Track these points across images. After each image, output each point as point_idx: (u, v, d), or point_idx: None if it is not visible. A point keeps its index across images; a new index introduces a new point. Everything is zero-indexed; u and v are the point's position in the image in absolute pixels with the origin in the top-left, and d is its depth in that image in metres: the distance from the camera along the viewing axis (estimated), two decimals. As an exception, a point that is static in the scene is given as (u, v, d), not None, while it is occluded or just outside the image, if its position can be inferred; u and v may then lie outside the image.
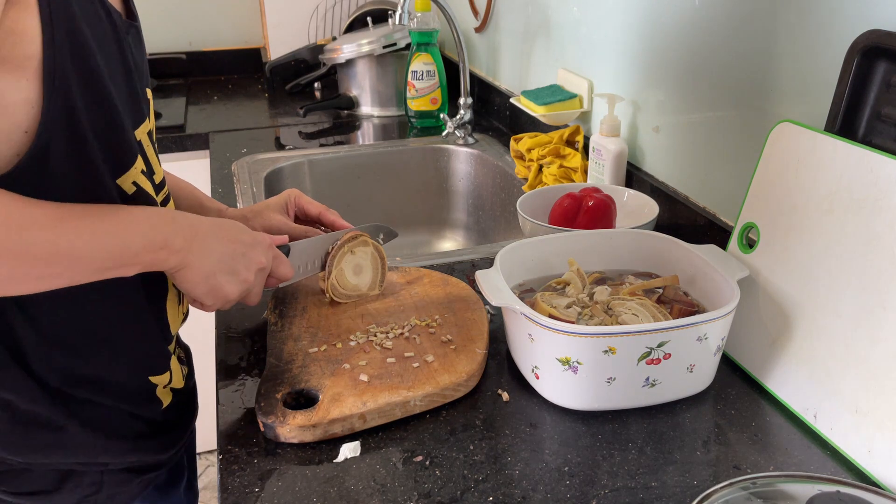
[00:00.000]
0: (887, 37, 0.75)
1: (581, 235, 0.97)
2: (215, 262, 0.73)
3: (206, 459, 2.23)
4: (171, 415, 0.83)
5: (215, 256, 0.73)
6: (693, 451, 0.74)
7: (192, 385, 0.92)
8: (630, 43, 1.24)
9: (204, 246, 0.72)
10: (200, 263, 0.72)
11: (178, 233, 0.70)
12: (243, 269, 0.76)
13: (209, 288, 0.74)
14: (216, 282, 0.74)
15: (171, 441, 0.84)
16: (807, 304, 0.78)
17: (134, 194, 0.72)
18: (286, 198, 0.98)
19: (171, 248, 0.69)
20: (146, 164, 0.75)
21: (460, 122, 1.73)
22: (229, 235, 0.76)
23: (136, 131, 0.73)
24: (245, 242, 0.77)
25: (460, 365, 0.82)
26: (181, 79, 2.33)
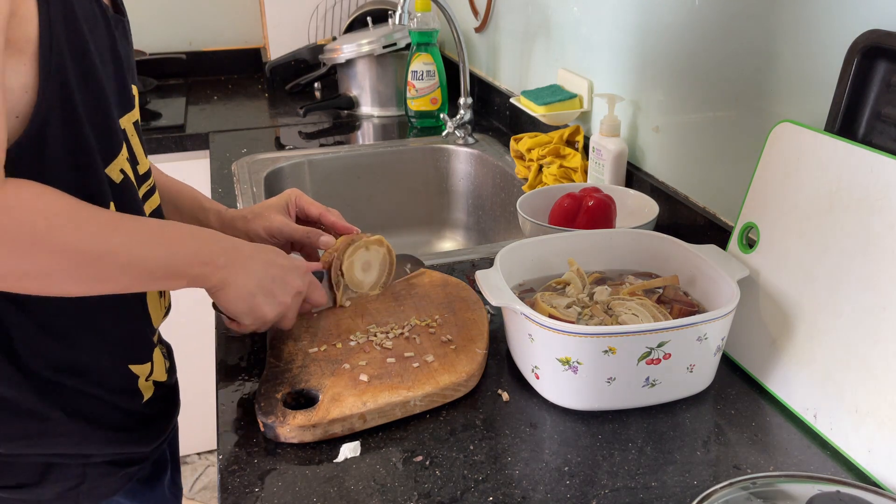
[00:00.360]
0: (887, 37, 0.75)
1: (581, 235, 0.97)
2: (255, 282, 0.76)
3: (206, 459, 2.23)
4: (152, 408, 0.84)
5: (255, 277, 0.76)
6: (693, 451, 0.74)
7: (175, 381, 0.92)
8: (630, 43, 1.24)
9: (245, 266, 0.75)
10: (242, 282, 0.75)
11: (223, 252, 0.73)
12: (281, 292, 0.79)
13: (248, 307, 0.77)
14: (255, 302, 0.77)
15: (153, 435, 0.85)
16: (807, 305, 0.78)
17: (121, 183, 0.73)
18: (287, 198, 0.98)
19: (215, 264, 0.72)
20: (130, 154, 0.75)
21: (460, 122, 1.73)
22: (269, 259, 0.79)
23: (121, 119, 0.74)
24: (283, 266, 0.80)
25: (460, 365, 0.82)
26: (181, 79, 2.33)
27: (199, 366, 1.26)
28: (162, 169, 1.02)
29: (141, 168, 0.79)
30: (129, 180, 0.74)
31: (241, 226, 0.95)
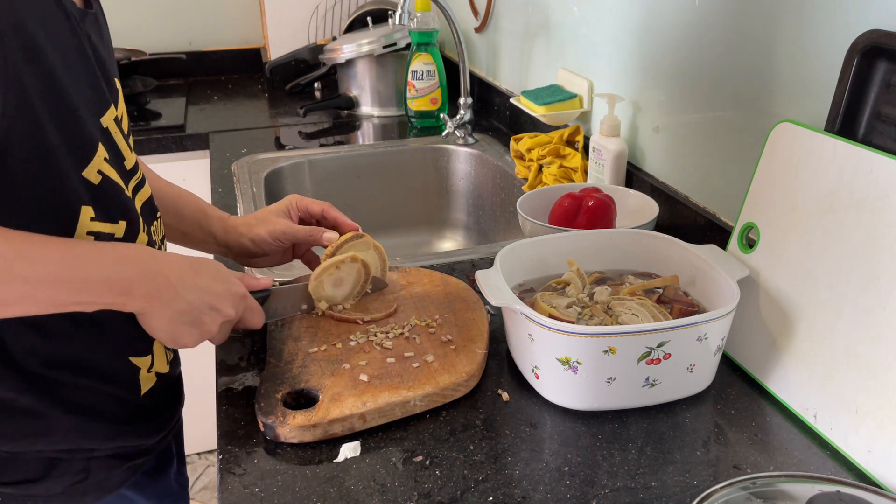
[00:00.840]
0: (887, 37, 0.75)
1: (581, 235, 0.97)
2: (179, 312, 0.72)
3: (206, 459, 2.23)
4: (154, 400, 0.83)
5: (181, 307, 0.72)
6: (693, 451, 0.74)
7: (178, 373, 0.92)
8: (630, 43, 1.24)
9: (171, 296, 0.71)
10: (163, 312, 0.71)
11: (145, 280, 0.69)
12: (208, 321, 0.75)
13: (168, 335, 0.73)
14: (177, 331, 0.73)
15: (157, 427, 0.85)
16: (807, 304, 0.78)
17: (101, 183, 0.71)
18: (287, 203, 0.98)
19: (133, 294, 0.68)
20: (112, 152, 0.74)
21: (460, 122, 1.73)
22: (201, 285, 0.74)
23: (101, 119, 0.72)
24: (217, 294, 0.75)
25: (460, 365, 0.82)
26: (181, 79, 2.33)
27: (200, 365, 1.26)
28: (162, 169, 1.02)
29: (128, 164, 0.77)
30: (109, 180, 0.72)
31: (244, 231, 0.96)
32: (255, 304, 0.82)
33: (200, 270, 0.75)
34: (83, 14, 0.72)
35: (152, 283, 0.70)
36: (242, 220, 0.97)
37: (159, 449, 0.87)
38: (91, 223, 0.70)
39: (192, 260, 0.75)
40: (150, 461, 0.86)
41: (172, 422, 0.89)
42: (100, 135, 0.72)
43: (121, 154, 0.76)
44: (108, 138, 0.74)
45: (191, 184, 1.78)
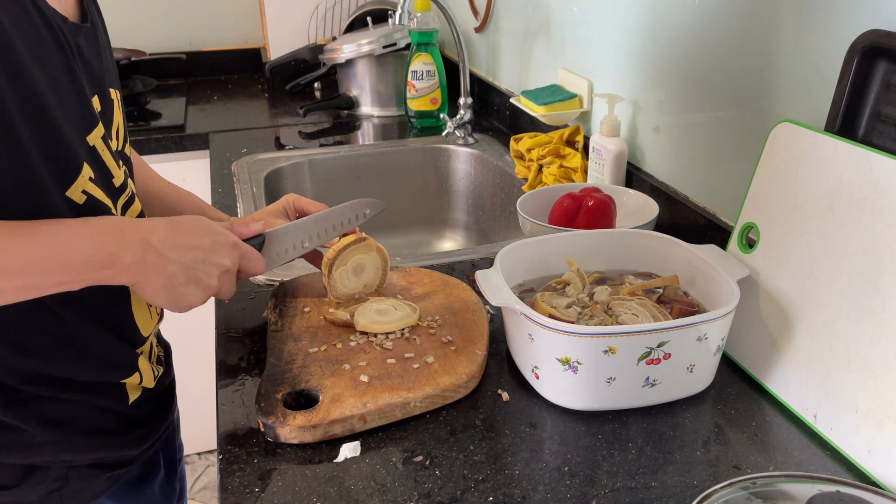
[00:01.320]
0: (887, 37, 0.75)
1: (581, 235, 0.97)
2: (171, 274, 0.70)
3: (206, 459, 2.23)
4: (142, 410, 0.82)
5: (171, 268, 0.70)
6: (693, 451, 0.74)
7: (168, 384, 0.90)
8: (630, 43, 1.24)
9: (158, 259, 0.69)
10: (155, 278, 0.70)
11: (127, 248, 0.67)
12: (204, 276, 0.73)
13: (169, 299, 0.72)
14: (176, 292, 0.72)
15: (142, 437, 0.83)
16: (807, 304, 0.78)
17: (85, 203, 0.70)
18: (285, 203, 0.98)
19: (118, 265, 0.67)
20: (99, 171, 0.72)
21: (460, 122, 1.73)
22: (187, 242, 0.72)
23: (87, 137, 0.71)
24: (205, 247, 0.73)
25: (460, 366, 0.82)
26: (181, 79, 2.33)
27: (199, 366, 1.26)
28: (162, 169, 1.02)
29: (116, 181, 0.76)
30: (94, 199, 0.71)
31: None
32: (251, 249, 0.80)
33: (182, 228, 0.73)
34: (76, 29, 0.71)
35: (134, 251, 0.67)
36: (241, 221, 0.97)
37: (144, 458, 0.85)
38: None
39: (171, 220, 0.73)
40: (135, 470, 0.85)
41: (160, 431, 0.87)
42: (85, 154, 0.70)
43: (108, 172, 0.75)
44: (95, 157, 0.72)
45: (191, 184, 1.78)
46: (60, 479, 0.77)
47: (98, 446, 0.78)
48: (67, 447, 0.76)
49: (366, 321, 0.88)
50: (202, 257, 0.73)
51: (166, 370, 0.90)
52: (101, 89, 0.75)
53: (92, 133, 0.72)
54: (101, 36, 0.77)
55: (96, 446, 0.78)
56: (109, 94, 0.77)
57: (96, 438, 0.78)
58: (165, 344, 0.94)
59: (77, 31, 0.71)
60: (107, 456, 0.79)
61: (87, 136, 0.71)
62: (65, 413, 0.74)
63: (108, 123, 0.76)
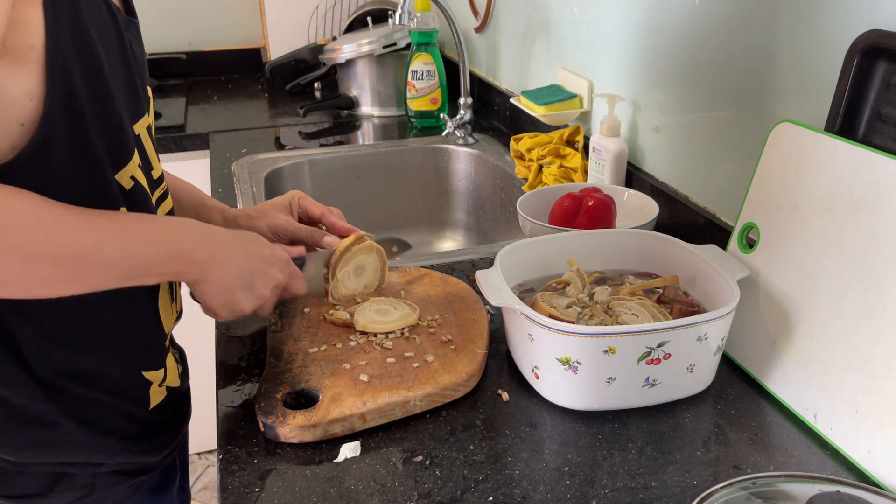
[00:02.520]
0: (887, 37, 0.75)
1: (581, 235, 0.97)
2: (234, 276, 0.74)
3: (206, 459, 2.23)
4: (162, 415, 0.82)
5: (235, 271, 0.74)
6: (693, 451, 0.74)
7: (187, 387, 0.91)
8: (630, 43, 1.24)
9: (225, 259, 0.73)
10: (220, 277, 0.73)
11: (201, 245, 0.71)
12: (260, 286, 0.77)
13: (226, 301, 0.75)
14: (233, 296, 0.75)
15: (163, 443, 0.83)
16: (807, 304, 0.78)
17: (132, 189, 0.72)
18: (290, 198, 0.98)
19: (193, 259, 0.70)
20: (144, 159, 0.74)
21: (460, 122, 1.73)
22: (250, 250, 0.77)
23: (134, 125, 0.73)
24: (265, 258, 0.78)
25: (460, 365, 0.82)
26: (181, 79, 2.33)
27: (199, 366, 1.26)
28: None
29: (155, 173, 0.78)
30: (140, 187, 0.73)
31: (244, 223, 0.95)
32: (297, 270, 0.84)
33: (245, 237, 0.78)
34: (128, 22, 0.73)
35: (208, 248, 0.71)
36: (243, 212, 0.97)
37: (164, 465, 0.86)
38: None
39: (234, 230, 0.78)
40: (154, 478, 0.85)
41: (178, 437, 0.87)
42: (135, 141, 0.72)
43: (150, 163, 0.76)
44: (140, 146, 0.74)
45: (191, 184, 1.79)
46: (87, 487, 0.77)
47: (124, 450, 0.78)
48: (99, 448, 0.76)
49: (365, 321, 0.88)
50: (263, 267, 0.77)
51: (185, 370, 0.90)
52: (143, 84, 0.77)
53: (139, 121, 0.74)
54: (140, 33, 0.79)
55: (122, 450, 0.78)
56: (147, 91, 0.79)
57: (122, 442, 0.78)
58: (180, 348, 0.94)
59: (129, 25, 0.73)
60: (131, 461, 0.79)
61: (135, 125, 0.73)
62: (93, 413, 0.75)
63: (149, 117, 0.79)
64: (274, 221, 0.95)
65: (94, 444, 0.76)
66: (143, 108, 0.76)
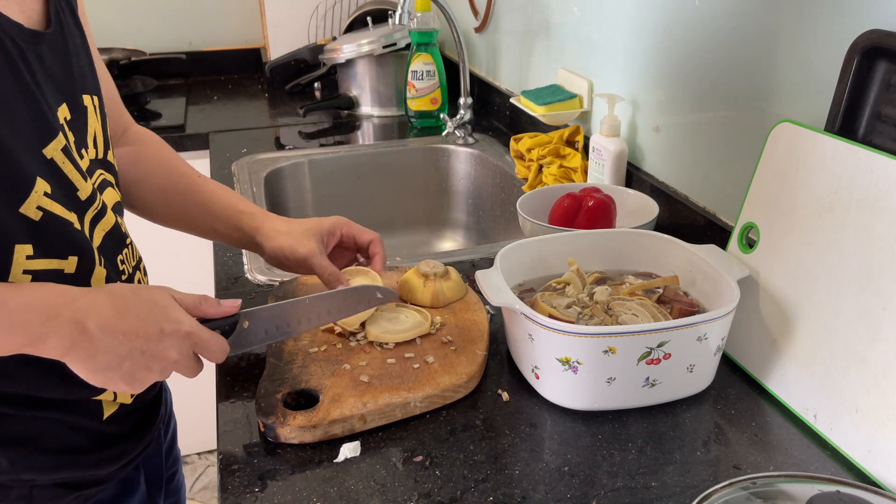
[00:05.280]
0: (887, 37, 0.75)
1: (581, 235, 0.97)
2: (104, 365, 0.64)
3: (206, 459, 2.23)
4: (119, 426, 0.77)
5: (105, 360, 0.64)
6: (693, 451, 0.74)
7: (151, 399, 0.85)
8: (630, 43, 1.24)
9: (90, 346, 0.63)
10: (84, 363, 0.64)
11: (57, 331, 0.62)
12: (141, 369, 0.66)
13: (100, 383, 0.66)
14: (103, 379, 0.66)
15: (116, 456, 0.78)
16: (807, 304, 0.78)
17: (42, 219, 0.66)
18: (332, 226, 0.93)
19: (45, 347, 0.62)
20: (59, 184, 0.68)
21: (460, 122, 1.73)
22: (127, 328, 0.65)
23: (43, 150, 0.67)
24: (149, 336, 0.66)
25: (460, 366, 0.82)
26: (181, 79, 2.33)
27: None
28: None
29: (82, 194, 0.71)
30: (53, 215, 0.67)
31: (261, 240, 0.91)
32: (211, 336, 0.70)
33: (128, 310, 0.65)
34: (35, 36, 0.68)
35: (64, 334, 0.62)
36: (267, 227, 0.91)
37: (119, 477, 0.80)
38: (28, 261, 0.66)
39: (118, 297, 0.66)
40: (109, 489, 0.79)
41: (139, 448, 0.81)
42: (40, 167, 0.66)
43: (71, 185, 0.70)
44: (53, 170, 0.68)
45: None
46: (24, 498, 0.72)
47: (63, 465, 0.73)
48: (27, 467, 0.71)
49: (378, 331, 0.87)
50: (143, 347, 0.65)
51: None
52: (71, 97, 0.72)
53: (49, 145, 0.67)
54: (73, 41, 0.74)
55: (61, 465, 0.73)
56: (82, 101, 0.73)
57: (62, 457, 0.73)
58: None
59: (37, 39, 0.68)
60: (73, 475, 0.75)
61: (44, 149, 0.67)
62: (28, 431, 0.71)
63: (79, 132, 0.73)
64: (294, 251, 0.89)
65: (25, 462, 0.71)
66: (54, 129, 0.68)
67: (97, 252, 0.72)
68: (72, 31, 0.74)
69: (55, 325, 0.62)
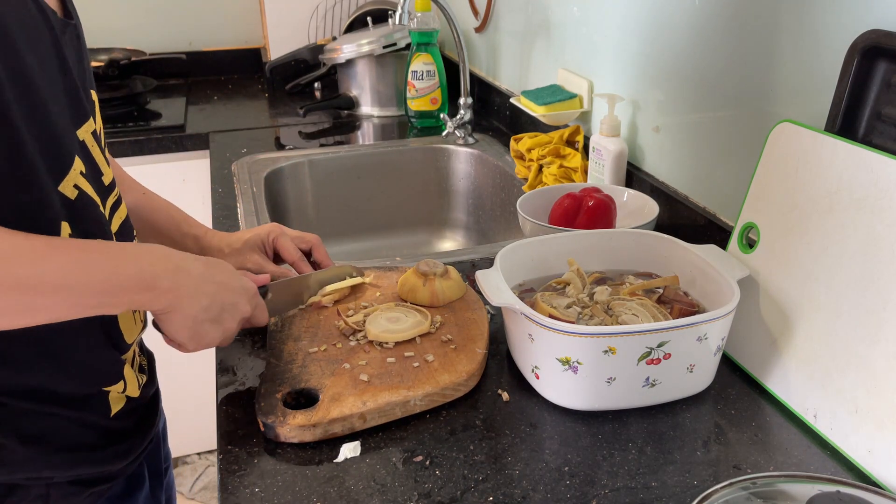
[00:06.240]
0: (887, 37, 0.75)
1: (581, 235, 0.97)
2: (203, 308, 0.71)
3: (206, 459, 2.23)
4: (125, 422, 0.79)
5: (204, 302, 0.71)
6: (693, 451, 0.74)
7: (152, 394, 0.87)
8: (630, 43, 1.24)
9: (194, 290, 0.70)
10: (188, 309, 0.70)
11: (169, 274, 0.68)
12: (228, 318, 0.75)
13: (192, 334, 0.72)
14: (201, 328, 0.72)
15: (125, 451, 0.79)
16: (807, 304, 0.78)
17: (77, 199, 0.69)
18: (266, 234, 0.97)
19: (159, 288, 0.67)
20: (90, 166, 0.71)
21: (460, 122, 1.73)
22: (221, 280, 0.74)
23: (77, 131, 0.70)
24: (234, 290, 0.75)
25: (460, 364, 0.82)
26: (181, 79, 2.33)
27: (199, 365, 1.26)
28: (162, 169, 1.01)
29: (105, 179, 0.74)
30: (86, 196, 0.70)
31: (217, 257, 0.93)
32: (262, 300, 0.82)
33: (216, 267, 0.74)
34: (64, 25, 0.70)
35: (176, 277, 0.68)
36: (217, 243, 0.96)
37: (127, 473, 0.82)
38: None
39: (202, 258, 0.74)
40: (119, 485, 0.81)
41: (144, 444, 0.83)
42: (77, 147, 0.69)
43: (98, 169, 0.73)
44: (86, 152, 0.71)
45: (191, 184, 1.79)
46: (41, 497, 0.73)
47: (79, 462, 0.75)
48: (45, 464, 0.72)
49: (378, 330, 0.87)
50: (232, 299, 0.75)
51: (150, 380, 0.86)
52: (85, 88, 0.74)
53: (83, 127, 0.71)
54: (82, 36, 0.76)
55: (77, 462, 0.75)
56: (91, 94, 0.75)
57: (77, 454, 0.75)
58: (149, 353, 0.91)
59: (64, 27, 0.70)
60: (88, 472, 0.76)
61: (78, 130, 0.70)
62: (45, 428, 0.72)
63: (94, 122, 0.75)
64: (244, 262, 0.95)
65: (43, 459, 0.72)
66: (88, 112, 0.72)
67: (115, 238, 0.75)
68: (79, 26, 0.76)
69: (168, 269, 0.68)
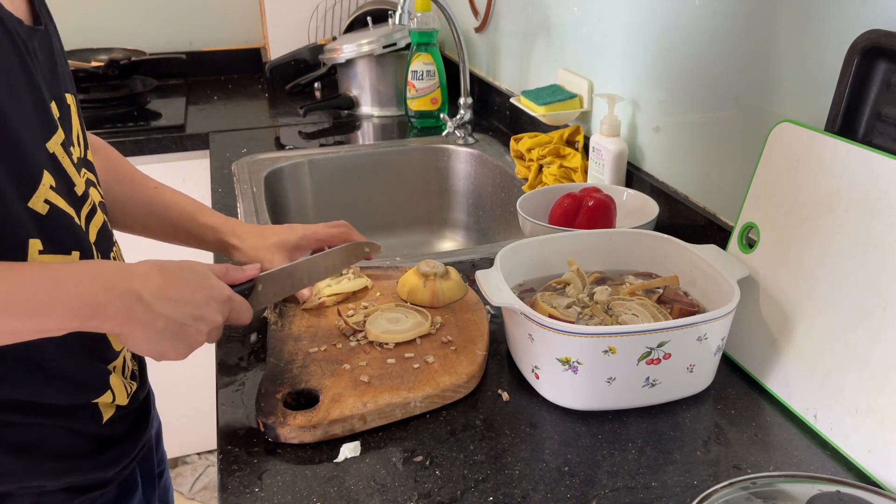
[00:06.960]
0: (887, 37, 0.75)
1: (581, 235, 0.97)
2: (160, 329, 0.66)
3: (206, 459, 2.23)
4: (116, 429, 0.78)
5: (160, 324, 0.66)
6: (693, 451, 0.74)
7: (143, 399, 0.86)
8: (630, 43, 1.24)
9: (148, 313, 0.65)
10: (142, 332, 0.66)
11: (115, 299, 0.63)
12: (193, 332, 0.69)
13: (154, 353, 0.68)
14: (161, 347, 0.68)
15: (117, 457, 0.78)
16: (807, 305, 0.78)
17: (48, 213, 0.67)
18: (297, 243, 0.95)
19: (103, 317, 0.63)
20: (60, 179, 0.69)
21: (460, 122, 1.73)
22: (179, 297, 0.68)
23: (46, 144, 0.68)
24: (196, 303, 0.69)
25: (461, 366, 0.82)
26: (181, 79, 2.33)
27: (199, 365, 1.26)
28: (162, 169, 1.02)
29: (78, 189, 0.72)
30: (58, 209, 0.68)
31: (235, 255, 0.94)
32: (241, 300, 0.76)
33: (176, 279, 0.69)
34: (31, 32, 0.68)
35: (123, 303, 0.64)
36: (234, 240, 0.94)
37: (121, 478, 0.81)
38: (40, 256, 0.66)
39: (165, 268, 0.69)
40: (111, 492, 0.80)
41: (136, 449, 0.82)
42: (46, 161, 0.67)
43: (70, 180, 0.71)
44: (55, 164, 0.69)
45: (191, 184, 1.79)
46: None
47: (70, 470, 0.74)
48: (36, 474, 0.72)
49: (378, 331, 0.87)
50: (194, 313, 0.69)
51: (140, 385, 0.85)
52: (58, 95, 0.72)
53: (52, 139, 0.68)
54: (55, 40, 0.74)
55: (67, 471, 0.74)
56: (66, 99, 0.74)
57: (67, 462, 0.74)
58: (140, 358, 0.89)
59: (31, 35, 0.68)
60: (80, 479, 0.75)
61: (47, 143, 0.68)
62: (33, 438, 0.71)
63: (67, 130, 0.72)
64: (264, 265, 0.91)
65: (34, 469, 0.71)
66: (55, 123, 0.69)
67: (94, 247, 0.74)
68: (52, 30, 0.75)
69: (114, 294, 0.63)
